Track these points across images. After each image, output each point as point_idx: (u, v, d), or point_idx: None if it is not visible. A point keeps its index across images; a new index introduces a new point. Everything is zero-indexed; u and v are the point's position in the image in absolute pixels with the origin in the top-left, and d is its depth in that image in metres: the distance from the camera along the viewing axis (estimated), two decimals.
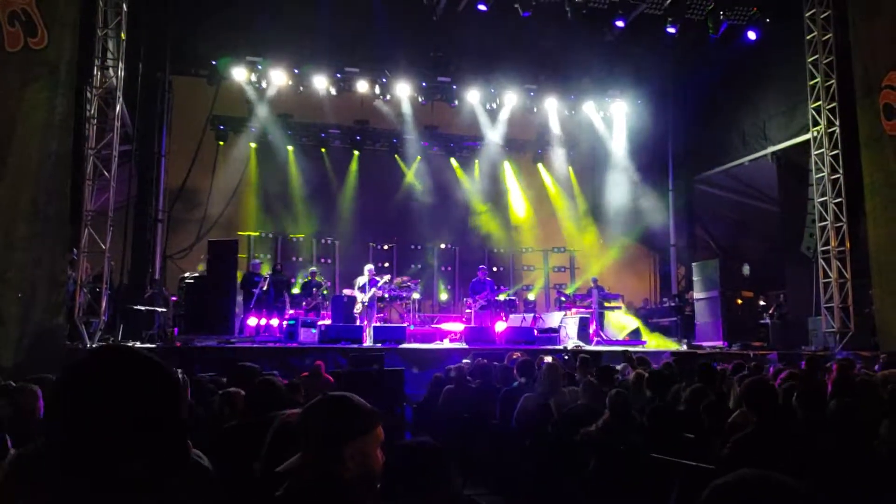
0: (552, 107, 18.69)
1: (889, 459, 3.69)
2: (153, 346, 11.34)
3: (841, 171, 13.53)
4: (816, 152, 14.02)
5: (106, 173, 11.43)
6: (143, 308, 12.46)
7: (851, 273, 13.30)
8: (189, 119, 16.44)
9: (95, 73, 11.52)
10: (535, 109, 18.68)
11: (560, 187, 20.04)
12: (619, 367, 7.90)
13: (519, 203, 20.00)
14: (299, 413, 2.13)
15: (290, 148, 18.05)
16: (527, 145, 20.17)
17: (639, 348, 13.25)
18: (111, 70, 11.78)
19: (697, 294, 15.57)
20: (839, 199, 13.57)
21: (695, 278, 15.91)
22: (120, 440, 1.05)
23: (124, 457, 1.05)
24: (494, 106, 18.37)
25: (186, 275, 13.73)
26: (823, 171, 13.85)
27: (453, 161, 19.63)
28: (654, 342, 15.24)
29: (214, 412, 4.81)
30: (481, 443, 6.47)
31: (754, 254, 16.43)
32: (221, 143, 17.36)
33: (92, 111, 11.41)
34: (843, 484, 3.51)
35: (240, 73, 16.23)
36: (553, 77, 17.71)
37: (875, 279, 12.35)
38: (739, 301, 14.85)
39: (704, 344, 14.41)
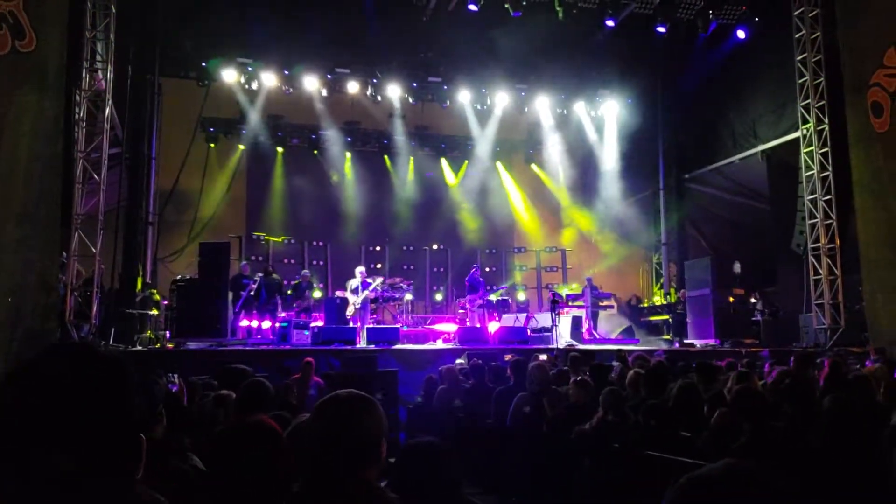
0: (543, 106, 18.72)
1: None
2: (144, 349, 11.29)
3: (830, 169, 13.61)
4: (806, 150, 14.11)
5: (96, 176, 11.38)
6: (134, 311, 12.41)
7: (841, 270, 13.39)
8: (179, 121, 16.38)
9: (84, 75, 11.47)
10: (526, 109, 18.70)
11: (551, 187, 20.06)
12: (615, 365, 7.91)
13: (510, 203, 20.02)
14: (318, 414, 2.01)
15: (280, 150, 18.01)
16: (518, 145, 20.20)
17: (631, 346, 13.27)
18: (100, 72, 11.74)
19: (689, 292, 15.63)
20: (829, 197, 13.66)
21: (686, 276, 15.96)
22: (46, 430, 1.03)
23: (52, 449, 1.03)
24: (485, 106, 18.38)
25: (178, 277, 13.67)
26: (813, 169, 13.93)
27: (445, 162, 19.63)
28: (646, 341, 15.28)
29: (207, 415, 4.79)
30: (475, 442, 6.48)
31: (745, 252, 16.50)
32: (212, 145, 17.30)
33: (81, 114, 11.36)
34: (837, 481, 3.52)
35: (230, 75, 16.17)
36: (543, 77, 17.74)
37: (865, 276, 12.41)
38: (731, 299, 14.90)
39: (696, 342, 14.45)
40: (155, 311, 13.09)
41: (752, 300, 15.69)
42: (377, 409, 1.99)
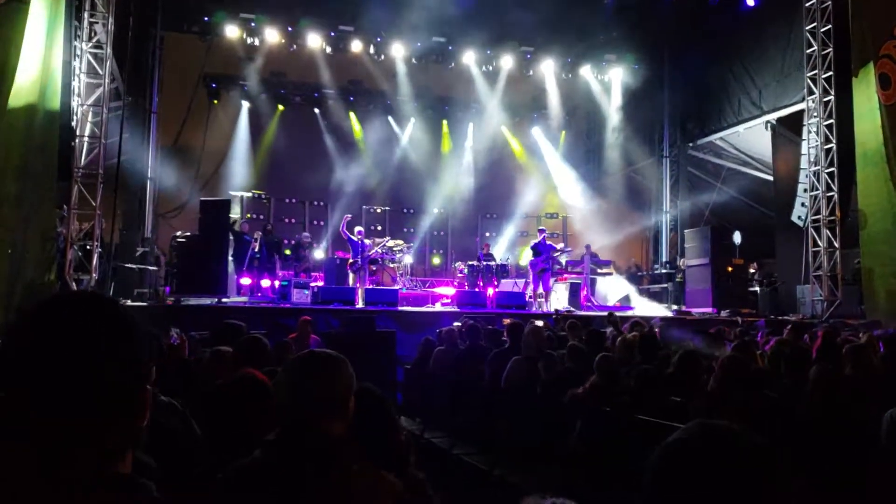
0: (549, 70, 18.51)
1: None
2: (144, 304, 11.35)
3: (834, 141, 13.52)
4: (811, 121, 14.00)
5: (96, 130, 11.32)
6: (134, 266, 12.44)
7: (841, 242, 13.39)
8: (181, 77, 16.26)
9: (85, 27, 11.33)
10: (532, 73, 18.50)
11: (555, 152, 19.94)
12: (607, 332, 7.97)
13: (513, 167, 19.92)
14: (291, 369, 2.10)
15: (281, 107, 17.89)
16: (522, 109, 20.01)
17: (628, 313, 13.33)
18: (101, 25, 11.58)
19: (689, 261, 15.64)
20: (831, 169, 13.59)
21: (686, 245, 15.96)
22: (52, 382, 1.04)
23: (56, 401, 1.04)
24: (490, 68, 18.18)
25: (178, 234, 13.69)
26: (817, 140, 13.83)
27: (448, 124, 19.48)
28: (645, 308, 15.35)
29: (204, 370, 4.83)
30: (470, 403, 6.56)
31: (747, 222, 16.47)
32: (216, 101, 17.18)
33: (81, 67, 11.26)
34: (821, 450, 3.58)
35: (232, 31, 15.98)
36: (550, 40, 17.51)
37: (863, 249, 12.43)
38: (730, 268, 14.92)
39: (694, 310, 14.52)
40: (154, 267, 13.13)
41: (751, 270, 15.72)
42: (347, 368, 2.09)
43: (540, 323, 8.61)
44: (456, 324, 9.80)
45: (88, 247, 11.02)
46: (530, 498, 1.24)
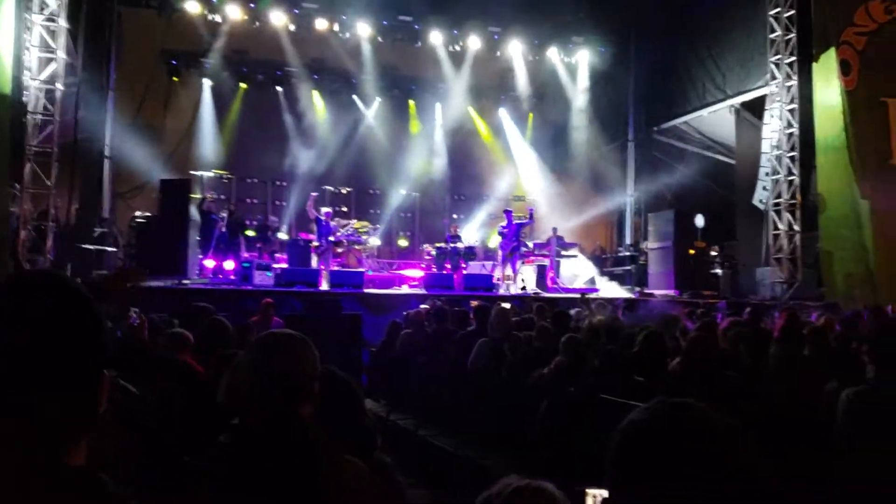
0: (516, 51, 18.43)
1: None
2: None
3: (796, 126, 13.73)
4: (773, 105, 14.18)
5: (50, 106, 10.97)
6: (91, 247, 12.13)
7: (801, 226, 13.66)
8: (140, 53, 15.81)
9: None
10: (499, 53, 18.40)
11: (521, 134, 19.93)
12: (573, 312, 7.99)
13: (480, 149, 19.85)
14: (253, 351, 2.05)
15: (244, 86, 17.53)
16: (490, 91, 19.90)
17: (592, 295, 13.43)
18: None
19: (651, 244, 15.82)
20: (793, 153, 13.81)
21: (650, 228, 16.14)
22: (9, 367, 0.98)
23: (15, 387, 0.98)
24: (458, 48, 18.03)
25: (137, 214, 13.38)
26: (779, 125, 14.03)
27: (414, 104, 19.30)
28: (609, 290, 15.49)
29: (162, 353, 4.72)
30: (437, 385, 6.54)
31: (710, 205, 16.67)
32: (176, 78, 16.77)
33: (33, 40, 10.87)
34: (782, 431, 3.62)
35: (192, 6, 15.56)
36: (517, 21, 17.40)
37: (823, 232, 12.69)
38: (692, 251, 15.13)
39: (656, 292, 14.70)
40: (113, 248, 12.84)
41: (713, 253, 15.95)
42: (312, 349, 2.04)
43: (507, 305, 8.62)
44: (423, 306, 9.77)
45: (43, 227, 10.71)
46: (506, 479, 1.21)
